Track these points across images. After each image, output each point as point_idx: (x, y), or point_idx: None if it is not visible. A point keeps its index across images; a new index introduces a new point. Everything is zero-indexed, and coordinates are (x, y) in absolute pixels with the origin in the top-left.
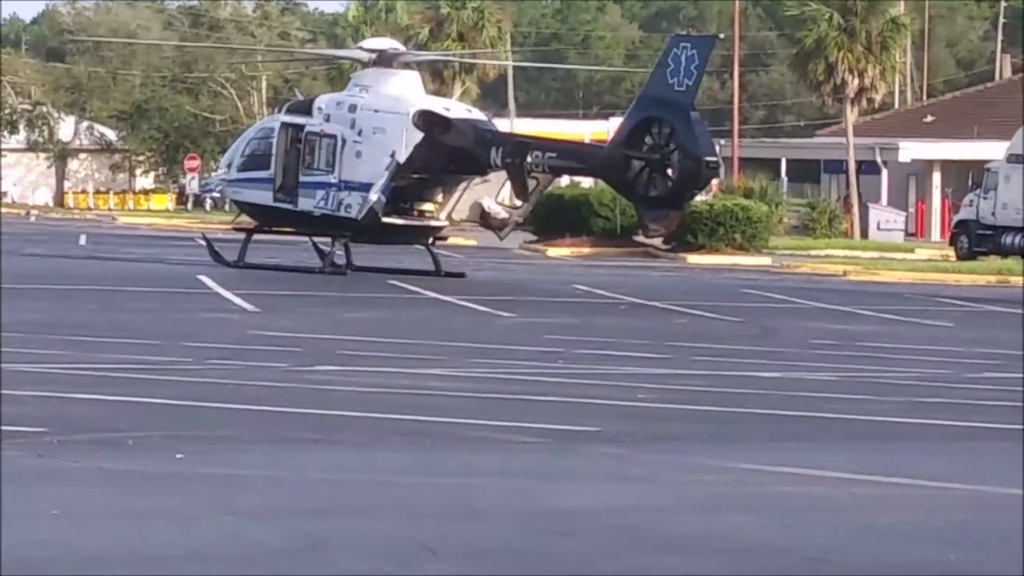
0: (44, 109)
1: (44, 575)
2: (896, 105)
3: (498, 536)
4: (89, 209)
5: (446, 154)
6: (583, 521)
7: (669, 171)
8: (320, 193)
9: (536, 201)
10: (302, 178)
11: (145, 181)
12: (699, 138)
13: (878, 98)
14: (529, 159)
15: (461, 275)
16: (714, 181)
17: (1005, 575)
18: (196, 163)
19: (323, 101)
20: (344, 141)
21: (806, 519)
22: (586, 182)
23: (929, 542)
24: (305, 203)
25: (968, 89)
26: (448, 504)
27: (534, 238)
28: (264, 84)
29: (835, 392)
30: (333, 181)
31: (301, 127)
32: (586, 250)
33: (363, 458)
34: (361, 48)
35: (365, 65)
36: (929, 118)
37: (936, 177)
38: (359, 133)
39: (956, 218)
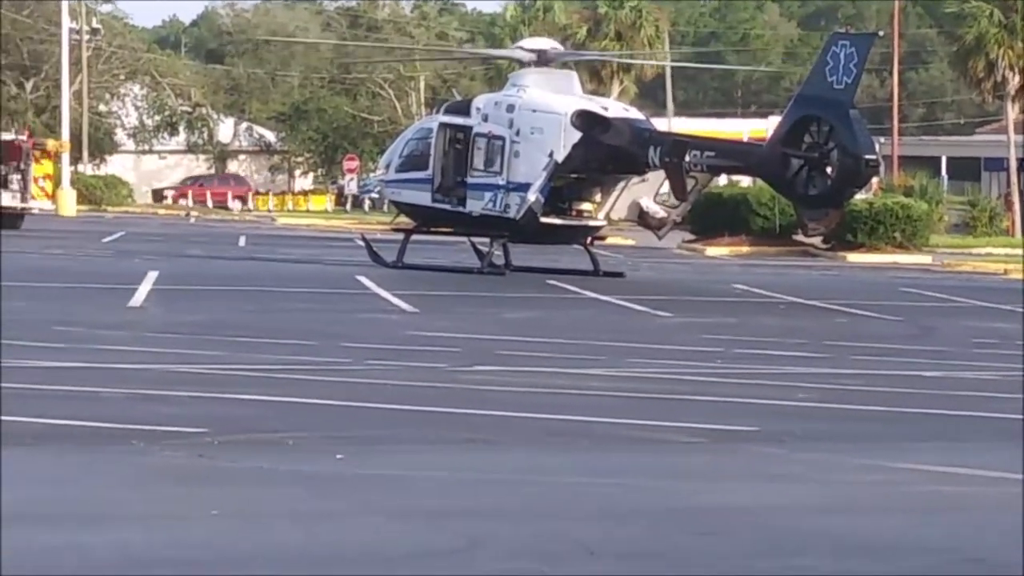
0: (204, 111)
1: (205, 574)
2: None
3: (654, 536)
4: (248, 210)
5: (604, 154)
6: (740, 521)
7: (828, 169)
8: (488, 195)
9: (694, 200)
10: (470, 179)
11: (304, 182)
12: (858, 136)
13: None
14: (687, 158)
15: (620, 275)
16: (874, 179)
17: None
18: (355, 164)
19: (481, 101)
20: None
21: (965, 519)
22: (745, 181)
23: None
24: (473, 204)
25: None
26: (605, 504)
27: (692, 237)
28: (422, 84)
29: (996, 391)
30: (501, 183)
31: (460, 127)
32: (745, 249)
33: (521, 458)
34: (519, 48)
35: (523, 65)
36: None
37: None
38: (517, 133)
39: None
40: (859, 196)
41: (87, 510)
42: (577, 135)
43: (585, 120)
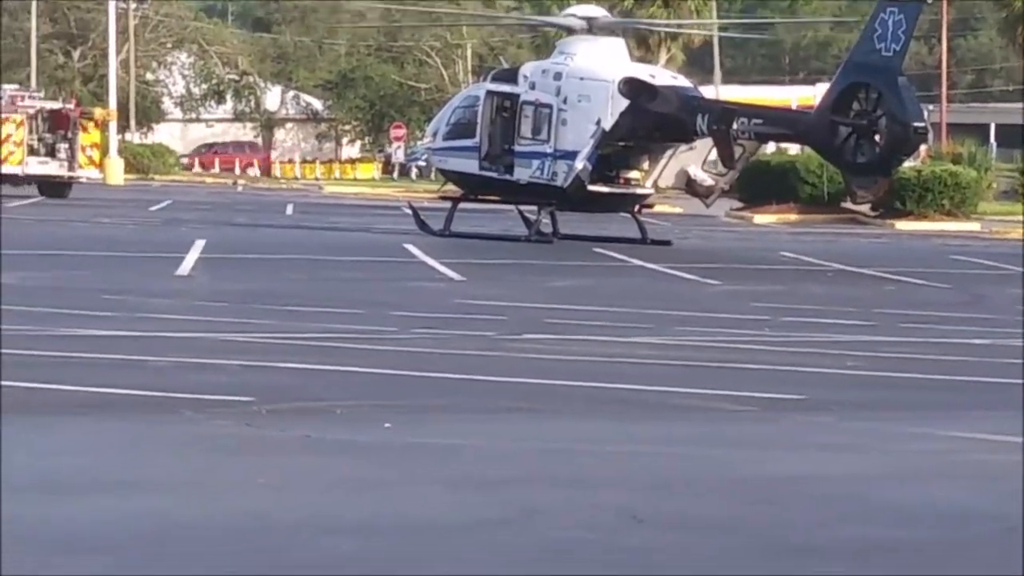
0: (251, 79)
1: (250, 544)
2: None
3: (704, 505)
4: (296, 178)
5: (652, 121)
6: (788, 490)
7: (877, 137)
8: (535, 162)
9: (742, 168)
10: (517, 147)
11: (351, 150)
12: (907, 103)
13: None
14: (735, 126)
15: (667, 243)
16: (922, 147)
17: None
18: (402, 132)
19: (528, 69)
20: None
21: (1016, 488)
22: (792, 148)
23: None
24: (520, 172)
25: None
26: (654, 473)
27: (740, 205)
28: (469, 52)
29: None
30: (548, 150)
31: (507, 95)
32: (793, 217)
33: (569, 427)
34: (567, 15)
35: (570, 32)
36: None
37: None
38: (564, 101)
39: None
40: (907, 163)
41: (133, 478)
42: (625, 103)
43: (633, 88)
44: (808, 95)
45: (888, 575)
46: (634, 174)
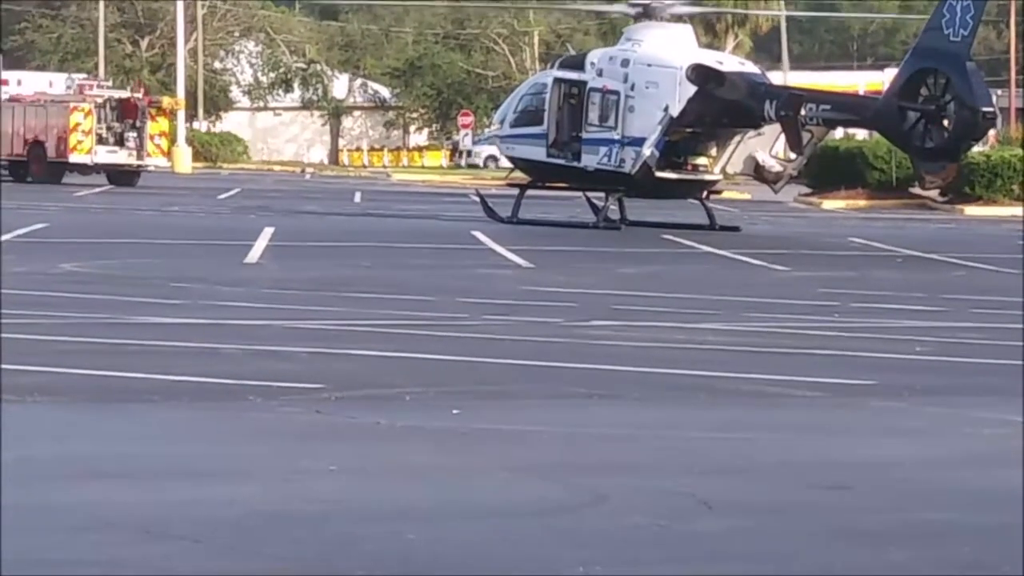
0: (318, 67)
1: (320, 530)
2: None
3: (773, 490)
4: (363, 166)
5: (719, 108)
6: (859, 475)
7: (945, 122)
8: (603, 149)
9: (810, 154)
10: (585, 134)
11: (419, 138)
12: (975, 88)
13: None
14: (803, 112)
15: (736, 229)
16: (991, 132)
17: None
18: (469, 119)
19: (596, 56)
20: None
21: None
22: (861, 134)
23: None
24: (588, 159)
25: None
26: (723, 459)
27: (808, 191)
28: (536, 40)
29: None
30: (616, 137)
31: (575, 82)
32: (861, 203)
33: (638, 413)
34: (633, 2)
35: (637, 19)
36: None
37: None
38: (632, 87)
39: None
40: (976, 148)
41: (203, 466)
42: (692, 89)
43: (700, 74)
44: (876, 81)
45: (955, 560)
46: (702, 160)
